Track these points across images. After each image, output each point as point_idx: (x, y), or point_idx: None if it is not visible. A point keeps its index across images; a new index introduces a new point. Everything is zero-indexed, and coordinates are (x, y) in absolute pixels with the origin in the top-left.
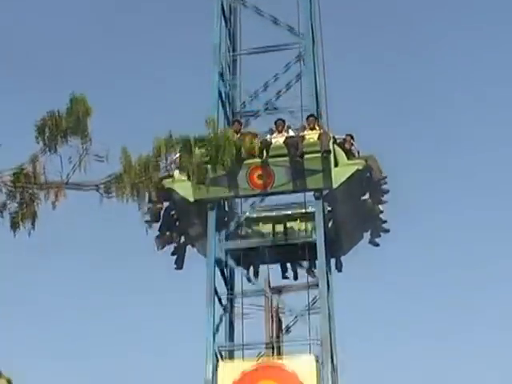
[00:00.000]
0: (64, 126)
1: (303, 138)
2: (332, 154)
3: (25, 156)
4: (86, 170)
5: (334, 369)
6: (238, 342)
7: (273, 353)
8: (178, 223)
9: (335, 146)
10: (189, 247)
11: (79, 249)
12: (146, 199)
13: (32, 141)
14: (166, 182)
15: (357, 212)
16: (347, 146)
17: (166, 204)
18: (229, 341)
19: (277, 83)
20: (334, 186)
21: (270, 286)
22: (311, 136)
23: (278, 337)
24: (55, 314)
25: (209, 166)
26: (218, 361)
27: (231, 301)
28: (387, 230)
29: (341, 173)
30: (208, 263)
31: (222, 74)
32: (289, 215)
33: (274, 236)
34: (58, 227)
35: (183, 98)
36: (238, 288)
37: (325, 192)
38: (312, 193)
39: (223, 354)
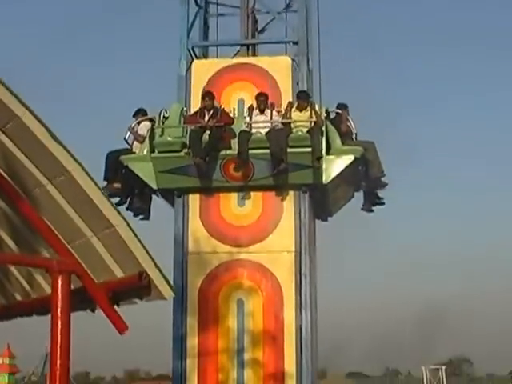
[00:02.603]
0: None
1: (290, 127)
2: (324, 137)
3: None
4: None
5: (308, 70)
6: (213, 40)
7: (248, 54)
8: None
9: (328, 124)
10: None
11: None
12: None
13: None
14: (125, 159)
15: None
16: (343, 127)
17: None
18: (203, 40)
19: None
20: (325, 181)
21: None
22: (300, 121)
23: (253, 37)
24: None
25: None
26: (192, 59)
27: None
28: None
29: (334, 164)
30: None
31: None
32: None
33: None
34: None
35: None
36: None
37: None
38: None
39: (197, 53)
